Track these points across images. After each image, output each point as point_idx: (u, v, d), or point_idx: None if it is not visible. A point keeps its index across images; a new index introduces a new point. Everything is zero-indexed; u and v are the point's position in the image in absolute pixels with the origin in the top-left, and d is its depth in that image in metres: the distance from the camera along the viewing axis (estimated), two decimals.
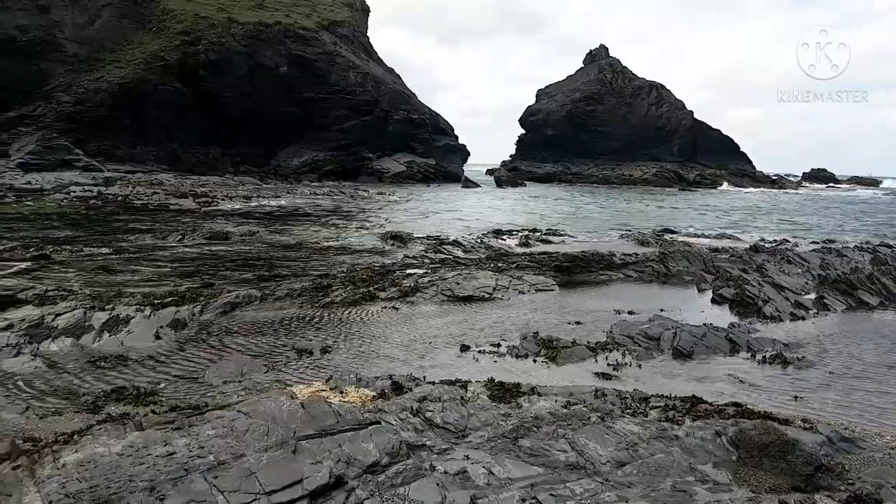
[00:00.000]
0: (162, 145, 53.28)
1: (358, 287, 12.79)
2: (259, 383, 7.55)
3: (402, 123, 67.78)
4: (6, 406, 6.54)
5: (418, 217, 31.66)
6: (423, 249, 18.71)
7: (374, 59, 76.39)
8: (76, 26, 54.38)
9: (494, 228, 25.44)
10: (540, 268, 15.20)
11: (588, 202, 49.57)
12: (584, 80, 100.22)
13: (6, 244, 15.92)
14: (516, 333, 9.97)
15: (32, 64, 51.51)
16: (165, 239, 19.29)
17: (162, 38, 56.09)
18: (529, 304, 12.28)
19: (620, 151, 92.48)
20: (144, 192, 34.64)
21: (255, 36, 58.37)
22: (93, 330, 8.79)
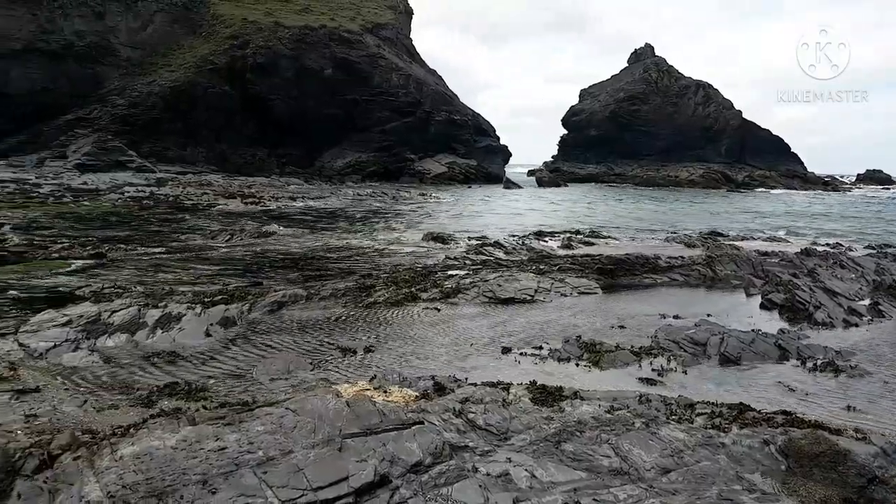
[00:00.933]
0: (211, 147, 54.58)
1: (400, 287, 12.91)
2: (305, 381, 7.70)
3: (443, 124, 68.00)
4: (66, 399, 6.82)
5: (459, 218, 31.75)
6: (464, 251, 18.76)
7: (417, 61, 76.80)
8: (130, 31, 56.13)
9: (536, 230, 25.33)
10: (582, 270, 15.10)
11: (632, 204, 48.92)
12: (629, 80, 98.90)
13: (65, 243, 16.55)
14: (558, 336, 9.93)
15: (88, 68, 53.36)
16: (215, 238, 19.79)
17: (211, 43, 57.47)
18: (572, 306, 12.22)
19: (665, 152, 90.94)
20: (194, 192, 35.56)
21: (301, 39, 59.32)
22: (146, 327, 9.09)
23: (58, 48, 52.27)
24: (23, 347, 8.31)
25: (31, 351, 8.20)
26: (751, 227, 31.95)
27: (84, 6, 54.62)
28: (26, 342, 8.42)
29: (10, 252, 14.83)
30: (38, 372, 7.65)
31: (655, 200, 53.70)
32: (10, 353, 8.14)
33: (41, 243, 16.29)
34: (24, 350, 8.23)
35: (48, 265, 14.03)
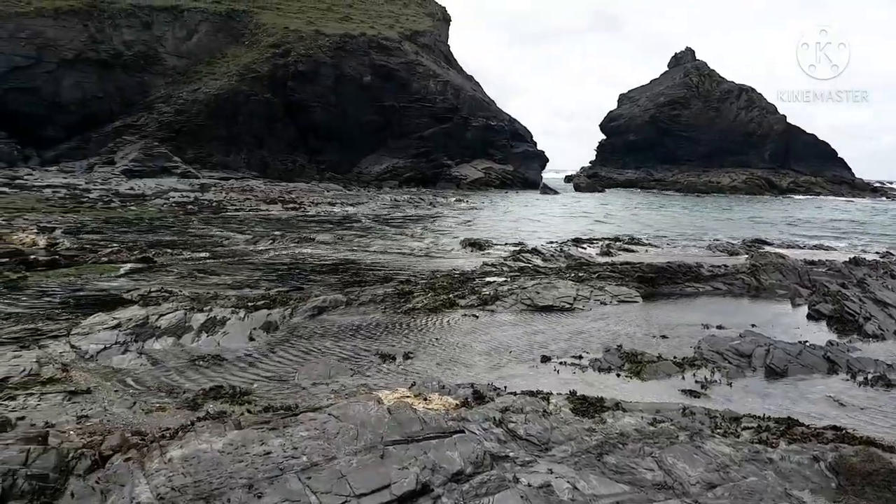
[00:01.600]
0: (253, 153, 55.62)
1: (438, 294, 12.94)
2: (346, 386, 7.78)
3: (480, 130, 68.10)
4: (116, 400, 7.03)
5: (496, 224, 31.72)
6: (501, 257, 18.73)
7: (454, 67, 77.11)
8: (176, 41, 57.62)
9: (574, 236, 25.14)
10: (622, 278, 14.93)
11: (673, 210, 48.20)
12: (669, 84, 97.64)
13: (113, 247, 17.04)
14: (598, 346, 9.84)
15: (136, 77, 54.92)
16: (257, 243, 20.14)
17: (254, 51, 58.60)
18: (612, 315, 12.09)
19: (707, 157, 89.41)
20: (237, 197, 36.25)
21: (341, 47, 60.09)
22: (192, 330, 9.30)
23: (107, 57, 53.97)
24: (74, 349, 8.57)
25: (82, 353, 8.46)
26: (796, 234, 31.18)
27: (133, 17, 56.33)
28: (78, 344, 8.69)
29: (62, 256, 15.33)
30: (88, 374, 7.90)
31: (697, 207, 52.80)
32: (63, 354, 8.41)
33: (91, 247, 16.80)
34: (76, 352, 8.49)
35: (98, 269, 14.46)
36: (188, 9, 60.07)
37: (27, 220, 21.91)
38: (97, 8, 55.44)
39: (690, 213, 46.02)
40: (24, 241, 16.79)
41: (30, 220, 21.65)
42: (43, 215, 23.91)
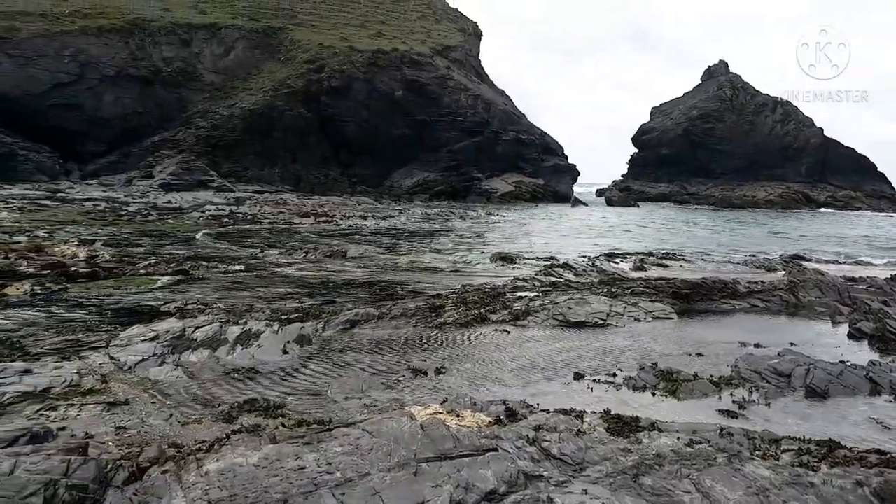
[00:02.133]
0: (286, 167, 56.47)
1: (469, 308, 12.91)
2: (378, 401, 7.79)
3: (511, 144, 68.19)
4: (153, 412, 7.14)
5: (527, 238, 31.61)
6: (532, 271, 18.64)
7: (485, 82, 77.42)
8: (214, 58, 58.95)
9: (606, 251, 24.93)
10: (656, 294, 14.73)
11: (707, 224, 47.51)
12: (702, 97, 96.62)
13: (151, 259, 17.40)
14: (633, 363, 9.71)
15: (175, 92, 56.28)
16: (290, 256, 20.39)
17: (289, 67, 59.65)
18: (646, 332, 11.93)
19: (742, 171, 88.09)
20: (271, 210, 36.79)
21: (374, 63, 60.82)
22: (227, 343, 9.43)
23: (147, 74, 55.44)
24: (113, 361, 8.75)
25: (120, 364, 8.63)
26: (835, 250, 30.46)
27: (172, 34, 57.88)
28: (117, 356, 8.87)
29: (101, 268, 15.69)
30: (127, 385, 8.04)
31: (732, 221, 51.98)
32: (102, 366, 8.59)
33: (130, 260, 17.18)
34: (115, 363, 8.66)
35: (136, 281, 14.77)
36: (226, 26, 61.51)
37: (68, 232, 22.52)
38: (138, 26, 57.09)
39: (725, 227, 45.31)
40: (65, 254, 17.25)
41: (71, 233, 22.24)
42: (84, 228, 24.55)
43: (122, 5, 60.40)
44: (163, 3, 64.34)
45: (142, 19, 58.05)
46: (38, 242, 18.84)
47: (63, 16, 55.22)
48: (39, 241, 19.32)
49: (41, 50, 51.33)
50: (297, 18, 67.75)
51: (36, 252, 17.18)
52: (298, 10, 69.84)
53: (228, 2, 68.49)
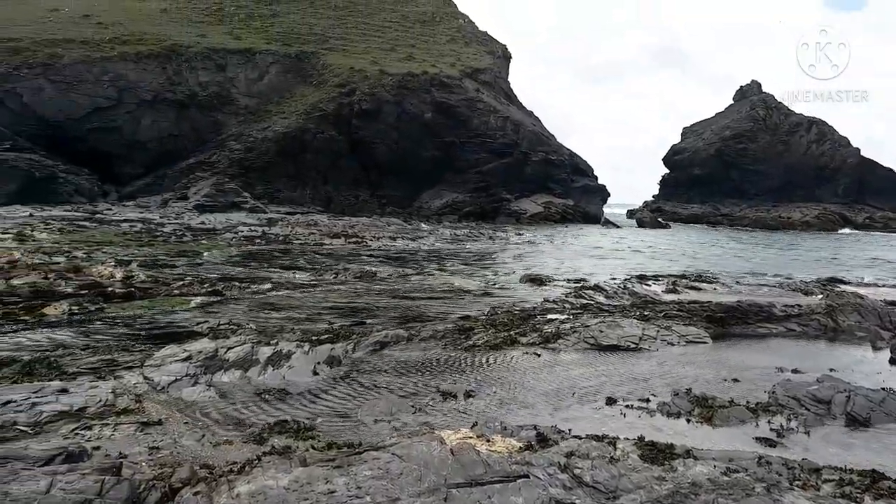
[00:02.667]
0: (317, 188, 57.22)
1: (499, 331, 12.84)
2: (407, 424, 7.76)
3: (540, 164, 68.21)
4: (185, 433, 7.20)
5: (557, 259, 31.42)
6: (563, 293, 18.48)
7: (514, 103, 77.78)
8: (248, 82, 60.28)
9: (638, 273, 24.64)
10: (690, 317, 14.49)
11: (741, 246, 46.74)
12: (735, 117, 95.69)
13: (185, 280, 17.68)
14: (666, 388, 9.52)
15: (210, 116, 57.61)
16: (321, 277, 20.55)
17: (321, 91, 60.70)
18: (679, 356, 11.72)
19: (776, 192, 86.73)
20: (302, 231, 37.19)
21: (404, 86, 61.57)
22: (258, 364, 9.50)
23: (183, 98, 56.88)
24: (147, 381, 8.86)
25: (154, 384, 8.74)
26: (874, 273, 29.68)
27: (208, 59, 59.42)
28: (150, 376, 8.98)
29: (137, 288, 15.99)
30: (160, 405, 8.13)
31: (767, 243, 51.07)
32: (137, 385, 8.70)
33: (164, 280, 17.48)
34: (149, 383, 8.78)
35: (170, 301, 15.00)
36: (260, 51, 62.93)
37: (105, 253, 23.02)
38: (175, 52, 58.72)
39: (760, 249, 44.53)
40: (102, 274, 17.62)
41: (108, 254, 22.73)
42: (120, 248, 25.08)
43: (160, 32, 62.23)
44: (199, 29, 66.15)
45: (179, 45, 59.69)
46: (77, 263, 19.27)
47: (103, 42, 57.05)
48: (77, 261, 19.78)
49: (82, 75, 53.02)
50: (329, 43, 69.00)
51: (74, 272, 17.59)
52: (330, 35, 71.14)
53: (263, 27, 70.11)
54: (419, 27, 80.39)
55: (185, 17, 69.75)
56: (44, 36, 56.00)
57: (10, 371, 9.20)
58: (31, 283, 15.83)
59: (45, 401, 7.63)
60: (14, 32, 55.91)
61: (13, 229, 28.50)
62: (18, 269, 17.39)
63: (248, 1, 77.12)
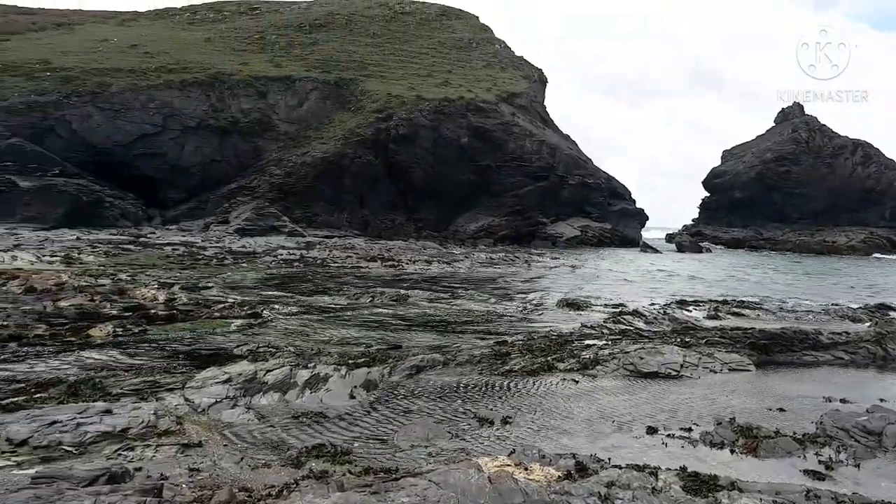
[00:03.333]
0: (354, 212, 57.86)
1: (536, 356, 12.72)
2: (444, 450, 7.70)
3: (576, 188, 67.87)
4: (225, 455, 7.27)
5: (594, 284, 31.07)
6: (601, 319, 18.25)
7: (550, 126, 77.79)
8: (288, 108, 61.59)
9: (678, 298, 24.21)
10: (733, 344, 14.15)
11: (784, 271, 45.62)
12: (777, 140, 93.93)
13: (225, 303, 17.98)
14: (709, 417, 9.29)
15: (251, 142, 58.98)
16: (358, 300, 20.69)
17: (359, 116, 61.66)
18: (722, 384, 11.43)
19: (820, 215, 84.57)
20: (339, 255, 37.58)
21: (440, 111, 62.16)
22: (296, 387, 9.57)
23: (226, 124, 58.41)
24: (188, 402, 8.99)
25: (195, 406, 8.86)
26: None
27: (250, 87, 61.02)
28: (191, 397, 9.12)
29: (179, 310, 16.31)
30: (200, 427, 8.24)
31: (811, 267, 49.76)
32: (178, 407, 8.84)
33: (205, 303, 17.81)
34: (190, 405, 8.90)
35: (211, 324, 15.26)
36: (300, 78, 64.38)
37: (149, 275, 23.59)
38: (218, 80, 60.45)
39: (804, 274, 43.38)
40: (145, 296, 18.04)
41: (151, 276, 23.29)
42: (163, 271, 25.68)
43: (204, 60, 64.16)
44: (241, 57, 68.00)
45: (222, 73, 61.44)
46: (121, 285, 19.77)
47: (150, 71, 59.06)
48: (122, 284, 20.29)
49: (129, 103, 54.87)
50: (367, 70, 70.19)
51: (119, 295, 18.05)
52: (369, 62, 72.39)
53: (303, 55, 71.73)
54: (455, 53, 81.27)
55: (228, 46, 71.84)
56: (93, 65, 58.28)
57: (57, 391, 9.45)
58: (78, 304, 16.30)
59: (90, 421, 7.79)
60: (66, 62, 58.33)
61: (61, 252, 29.43)
62: (66, 292, 17.92)
63: (289, 30, 79.15)
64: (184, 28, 79.58)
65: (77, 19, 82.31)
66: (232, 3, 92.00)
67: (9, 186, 45.00)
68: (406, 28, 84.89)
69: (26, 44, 65.72)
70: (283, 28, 79.64)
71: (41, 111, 51.96)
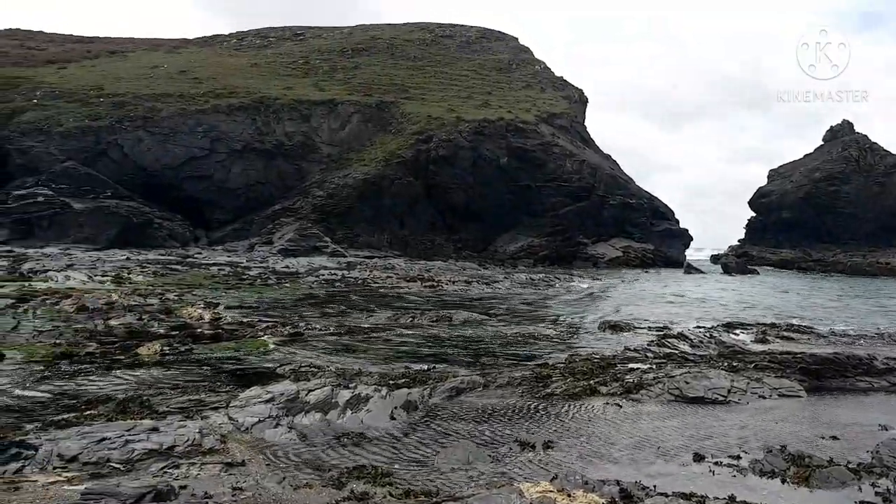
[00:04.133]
0: (394, 233, 58.39)
1: (578, 379, 12.54)
2: (484, 474, 7.63)
3: (618, 208, 67.26)
4: (267, 474, 7.34)
5: (636, 305, 30.58)
6: (644, 342, 17.94)
7: (591, 147, 77.48)
8: (331, 131, 62.80)
9: (724, 321, 23.64)
10: (782, 369, 13.72)
11: (835, 293, 44.17)
12: (825, 159, 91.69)
13: (269, 322, 18.25)
14: (758, 444, 9.00)
15: (294, 164, 60.25)
16: (397, 320, 20.77)
17: (399, 138, 62.49)
18: (771, 411, 11.07)
19: (872, 236, 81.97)
20: (380, 275, 37.87)
21: (480, 132, 62.55)
22: (337, 407, 9.62)
23: (271, 147, 59.81)
24: (232, 421, 9.12)
25: (238, 425, 8.98)
26: None
27: (294, 111, 62.46)
28: (235, 416, 9.24)
29: (223, 329, 16.62)
30: (244, 446, 8.34)
31: (864, 290, 48.08)
32: (222, 426, 8.97)
33: (249, 322, 18.10)
34: (233, 424, 9.02)
35: (254, 343, 15.50)
36: (342, 102, 65.64)
37: (195, 295, 24.11)
38: (264, 103, 62.05)
39: (856, 297, 41.93)
40: (192, 316, 18.44)
41: (197, 296, 23.80)
42: (209, 291, 26.22)
43: (250, 85, 65.97)
44: (286, 81, 69.70)
45: (267, 97, 63.08)
46: (169, 305, 20.26)
47: (198, 96, 61.03)
48: (169, 303, 20.77)
49: (178, 127, 56.72)
50: (407, 93, 71.17)
51: (166, 314, 18.49)
52: (409, 85, 73.42)
53: (345, 79, 73.17)
54: (495, 75, 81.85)
55: (273, 71, 73.76)
56: (144, 91, 60.52)
57: (106, 409, 9.68)
58: (127, 323, 16.76)
59: (137, 439, 7.96)
60: (118, 88, 60.72)
61: (112, 272, 30.33)
62: (116, 311, 18.45)
63: (332, 54, 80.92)
64: (231, 54, 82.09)
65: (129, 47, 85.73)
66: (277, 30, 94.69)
67: (63, 208, 46.78)
68: (446, 51, 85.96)
69: (82, 71, 68.66)
70: (326, 53, 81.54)
71: (94, 135, 54.12)
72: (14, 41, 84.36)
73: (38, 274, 27.52)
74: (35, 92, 59.30)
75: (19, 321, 16.45)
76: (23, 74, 65.35)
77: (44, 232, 45.54)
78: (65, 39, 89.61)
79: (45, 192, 47.70)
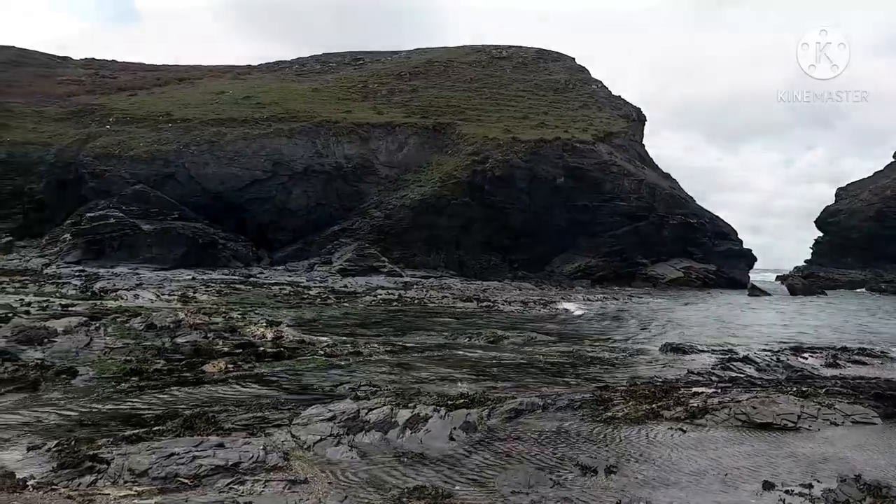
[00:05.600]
0: (450, 253, 58.69)
1: (639, 403, 12.27)
2: (545, 498, 7.55)
3: (678, 228, 65.83)
4: (329, 492, 7.44)
5: (699, 327, 29.77)
6: (708, 365, 17.45)
7: (649, 166, 76.31)
8: (389, 153, 63.90)
9: (792, 344, 22.76)
10: (855, 395, 13.10)
11: None
12: None
13: (328, 341, 18.58)
14: (831, 474, 8.61)
15: (353, 185, 61.47)
16: (454, 340, 20.82)
17: (456, 159, 63.03)
18: (844, 438, 10.57)
19: None
20: (436, 295, 38.09)
21: (536, 152, 62.50)
22: (397, 426, 9.69)
23: (330, 169, 61.25)
24: (294, 439, 9.30)
25: (301, 443, 9.15)
26: None
27: (353, 133, 63.90)
28: (297, 434, 9.42)
29: (285, 348, 17.00)
30: (306, 463, 8.49)
31: None
32: (284, 443, 9.15)
33: (310, 341, 18.46)
34: (296, 441, 9.20)
35: (315, 361, 15.79)
36: (400, 124, 66.74)
37: (258, 314, 24.75)
38: (324, 127, 63.70)
39: None
40: (255, 334, 18.92)
41: (260, 315, 24.43)
42: (271, 310, 26.89)
43: (311, 109, 67.83)
44: (346, 105, 71.34)
45: (327, 121, 64.74)
46: (233, 323, 20.84)
47: (261, 120, 63.15)
48: (233, 322, 21.37)
49: (242, 151, 58.78)
50: (464, 114, 71.77)
51: (230, 332, 19.03)
52: (466, 107, 74.03)
53: (403, 102, 74.38)
54: (551, 95, 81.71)
55: (333, 96, 75.64)
56: (210, 116, 63.05)
57: (173, 424, 10.01)
58: (193, 341, 17.32)
59: (204, 454, 8.20)
60: (186, 114, 63.46)
61: (178, 291, 31.47)
62: (182, 329, 19.09)
63: (390, 78, 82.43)
64: (293, 80, 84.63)
65: (196, 74, 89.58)
66: (337, 55, 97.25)
67: (133, 229, 48.95)
68: (502, 72, 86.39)
69: (151, 98, 72.10)
70: (384, 77, 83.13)
71: (163, 159, 56.64)
72: (89, 70, 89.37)
73: (109, 293, 28.80)
74: (108, 118, 62.61)
75: (91, 338, 17.23)
76: (97, 102, 69.16)
77: (114, 252, 47.75)
78: (136, 68, 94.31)
79: (117, 213, 50.09)
